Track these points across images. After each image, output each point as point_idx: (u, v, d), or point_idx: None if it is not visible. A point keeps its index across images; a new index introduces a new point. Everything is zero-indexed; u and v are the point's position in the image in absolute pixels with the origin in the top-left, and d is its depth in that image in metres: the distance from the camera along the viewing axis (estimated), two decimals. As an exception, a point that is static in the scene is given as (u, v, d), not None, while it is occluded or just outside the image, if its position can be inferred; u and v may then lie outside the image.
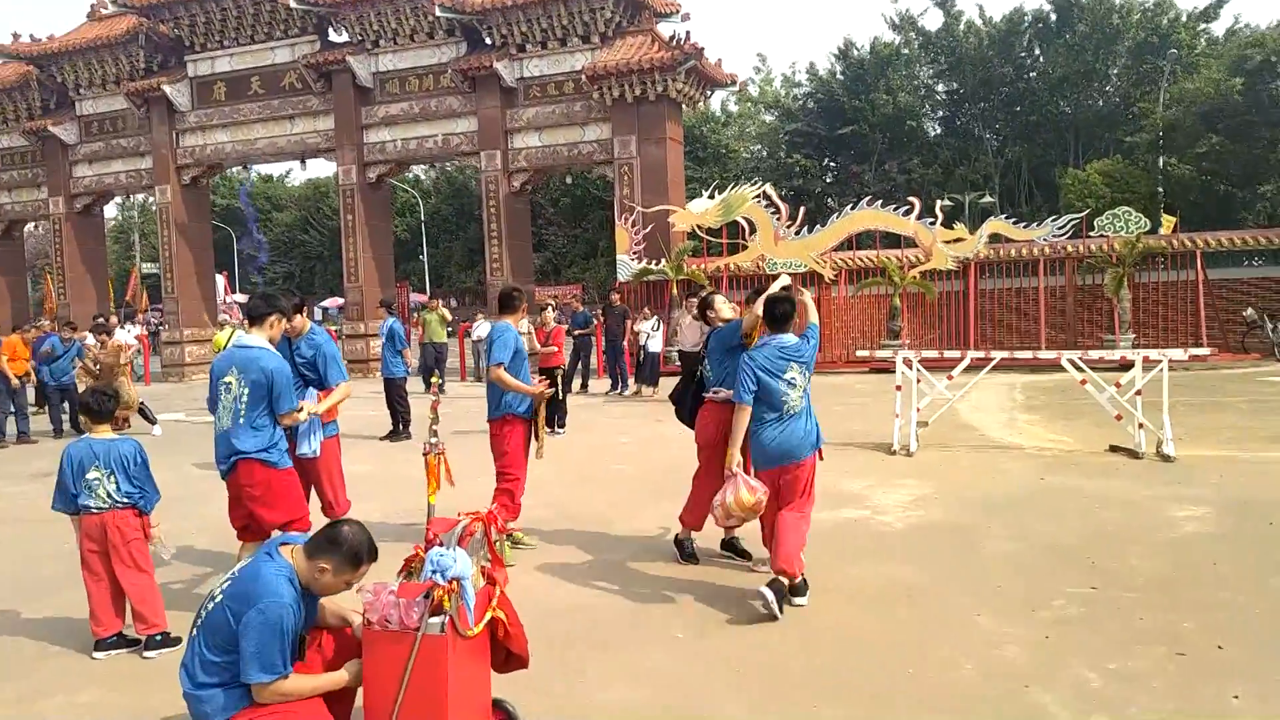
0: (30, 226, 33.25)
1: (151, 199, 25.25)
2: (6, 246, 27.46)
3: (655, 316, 16.70)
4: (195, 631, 3.40)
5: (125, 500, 4.88)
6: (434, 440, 3.76)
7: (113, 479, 4.85)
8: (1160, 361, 9.28)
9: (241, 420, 4.96)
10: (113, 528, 4.84)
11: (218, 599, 3.37)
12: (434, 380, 4.42)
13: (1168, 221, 17.99)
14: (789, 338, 5.42)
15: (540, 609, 5.21)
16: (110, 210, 56.33)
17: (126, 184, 25.53)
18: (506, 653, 3.64)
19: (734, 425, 5.29)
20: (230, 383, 4.98)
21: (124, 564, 4.86)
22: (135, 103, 23.84)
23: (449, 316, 17.87)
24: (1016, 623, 4.83)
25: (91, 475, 4.84)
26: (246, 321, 5.26)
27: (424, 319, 19.22)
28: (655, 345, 16.32)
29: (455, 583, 3.27)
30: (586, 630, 4.97)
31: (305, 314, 5.90)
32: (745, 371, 5.26)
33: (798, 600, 5.16)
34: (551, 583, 5.79)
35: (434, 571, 3.26)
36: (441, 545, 3.39)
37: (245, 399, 4.95)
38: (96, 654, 4.87)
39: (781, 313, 5.43)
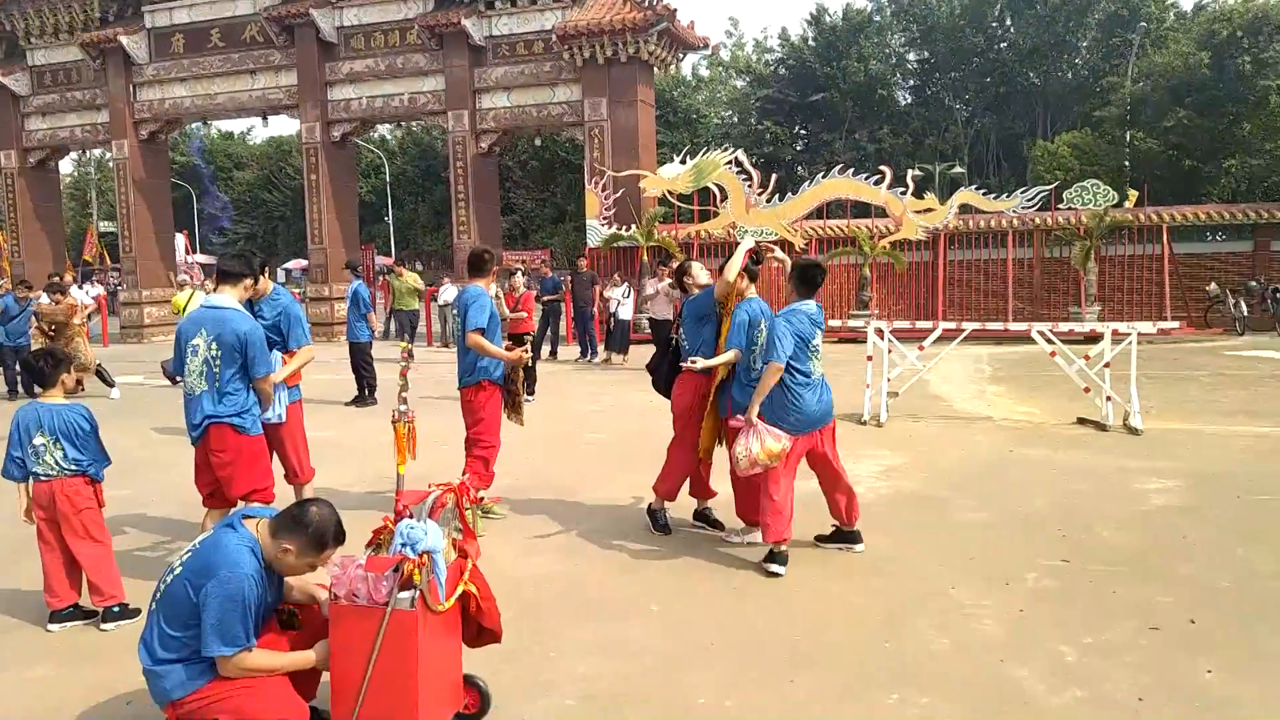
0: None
1: (109, 154, 24.49)
2: (-45, 201, 26.62)
3: (625, 283, 16.54)
4: (154, 605, 3.27)
5: (74, 468, 4.68)
6: (403, 409, 3.61)
7: (59, 446, 4.65)
8: (1129, 335, 9.33)
9: (216, 384, 4.79)
10: (61, 496, 4.65)
11: (177, 571, 3.23)
12: (402, 346, 4.25)
13: (1130, 195, 18.11)
14: (814, 304, 5.49)
15: (511, 580, 5.12)
16: (66, 166, 54.98)
17: (82, 139, 24.76)
18: (479, 627, 3.55)
19: (762, 382, 5.26)
20: (198, 345, 4.79)
21: (75, 534, 4.69)
22: (90, 54, 23.07)
23: (420, 286, 17.45)
24: (991, 595, 4.81)
25: (38, 441, 4.64)
26: (216, 280, 5.05)
27: (393, 285, 18.91)
28: (626, 312, 16.19)
29: (426, 556, 3.16)
30: (558, 602, 4.89)
31: (267, 275, 5.70)
32: (784, 334, 5.27)
33: (858, 547, 5.52)
34: (522, 553, 5.69)
35: (404, 544, 3.15)
36: (412, 517, 3.27)
37: (218, 362, 4.77)
38: (51, 626, 4.70)
39: (816, 279, 5.53)
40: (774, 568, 5.16)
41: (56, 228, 26.61)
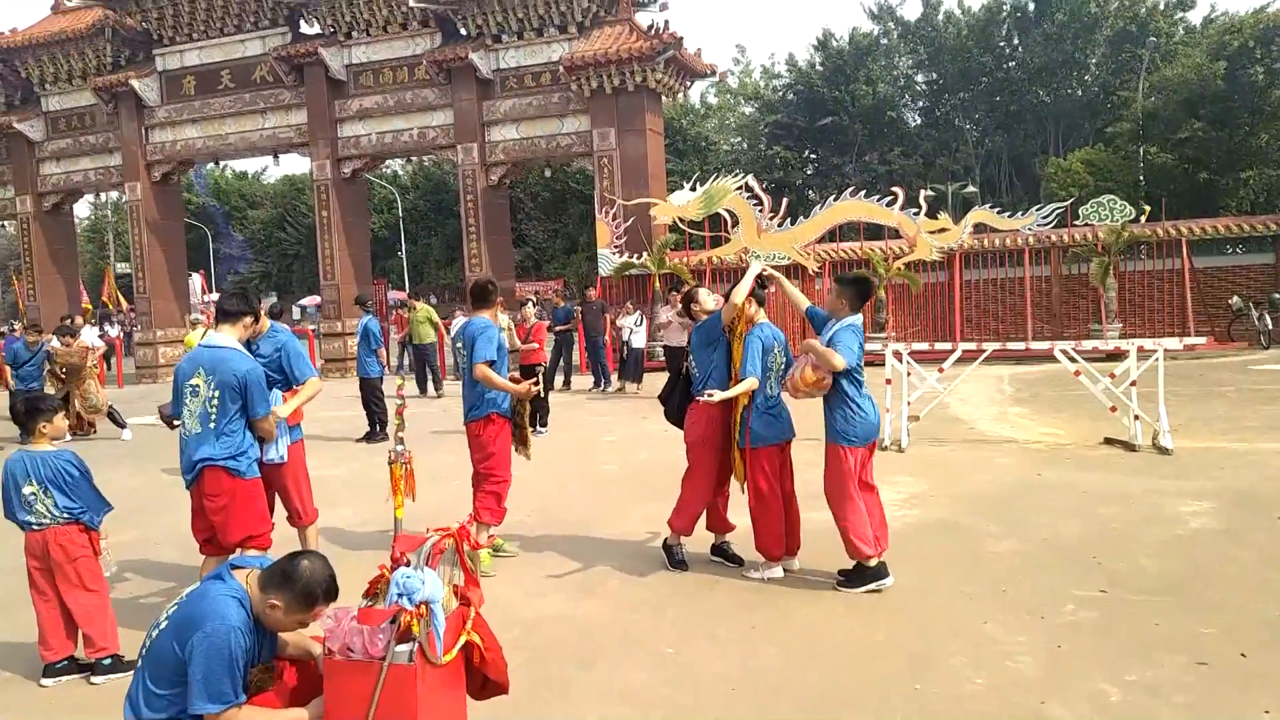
0: (5, 226, 32.61)
1: (123, 197, 24.64)
2: (-28, 247, 26.83)
3: (638, 311, 16.38)
4: (140, 661, 3.09)
5: (66, 516, 4.52)
6: (399, 449, 3.43)
7: (49, 495, 4.49)
8: (1155, 351, 9.08)
9: (211, 425, 4.66)
10: (54, 545, 4.49)
11: (162, 625, 3.06)
12: (398, 383, 4.09)
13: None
14: (860, 319, 5.42)
15: (521, 621, 4.92)
16: (84, 209, 55.69)
17: (96, 181, 24.92)
18: (484, 679, 3.34)
19: (819, 353, 5.21)
20: (198, 384, 4.68)
21: (69, 583, 4.52)
22: (103, 98, 23.26)
23: (435, 317, 17.27)
24: (1026, 630, 4.57)
25: (27, 490, 4.49)
26: (216, 319, 4.93)
27: (411, 318, 18.75)
28: (639, 341, 16.02)
29: (424, 606, 2.96)
30: (570, 644, 4.67)
31: (265, 312, 5.56)
32: (853, 344, 5.22)
33: (886, 581, 5.26)
34: (533, 593, 5.49)
35: (400, 595, 2.96)
36: (409, 565, 3.08)
37: (215, 402, 4.64)
38: (44, 680, 4.53)
39: (870, 292, 5.53)
40: (875, 585, 5.15)
41: (71, 271, 26.76)
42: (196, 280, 39.59)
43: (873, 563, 5.19)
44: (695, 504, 5.76)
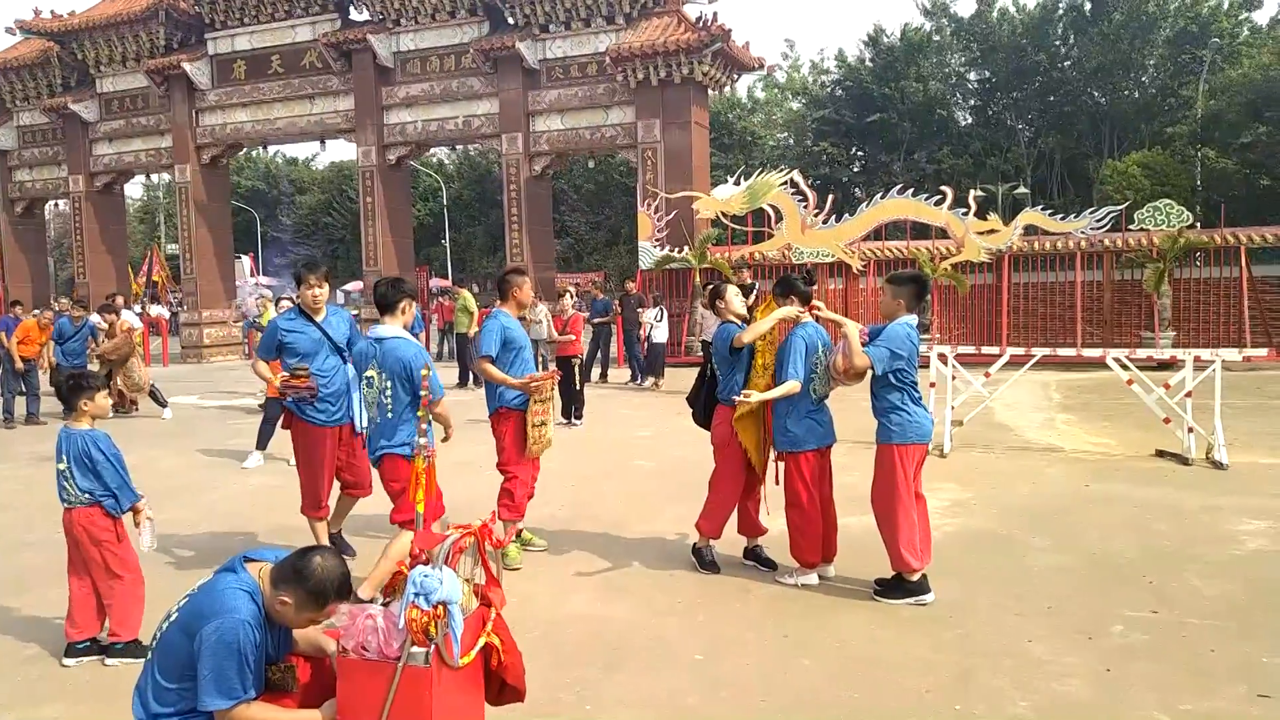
0: (58, 205, 33.23)
1: (174, 178, 24.99)
2: (28, 225, 27.32)
3: (659, 306, 16.17)
4: (151, 654, 3.00)
5: (87, 497, 4.46)
6: (422, 441, 3.31)
7: (73, 474, 4.44)
8: (1211, 362, 8.74)
9: (389, 415, 4.97)
10: (78, 525, 4.45)
11: (173, 618, 2.96)
12: (423, 373, 3.97)
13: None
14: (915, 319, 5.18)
15: (546, 621, 4.81)
16: (136, 190, 56.65)
17: (146, 163, 25.28)
18: (501, 683, 3.21)
19: (850, 344, 5.02)
20: (372, 376, 5.02)
21: (94, 564, 4.47)
22: (155, 80, 23.56)
23: (472, 307, 17.02)
24: (1073, 651, 4.35)
25: (60, 466, 4.46)
26: (380, 312, 5.13)
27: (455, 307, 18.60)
28: (661, 335, 15.79)
29: (441, 607, 2.84)
30: (596, 648, 4.54)
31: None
32: (899, 344, 4.97)
33: (926, 598, 5.01)
34: (560, 592, 5.36)
35: (417, 594, 2.84)
36: (427, 563, 2.96)
37: (388, 393, 4.94)
38: (66, 660, 4.49)
39: (927, 291, 5.46)
40: (914, 601, 4.96)
41: (121, 250, 27.21)
42: (246, 262, 40.10)
43: (915, 576, 4.98)
44: (723, 507, 5.59)
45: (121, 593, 4.52)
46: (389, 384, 4.91)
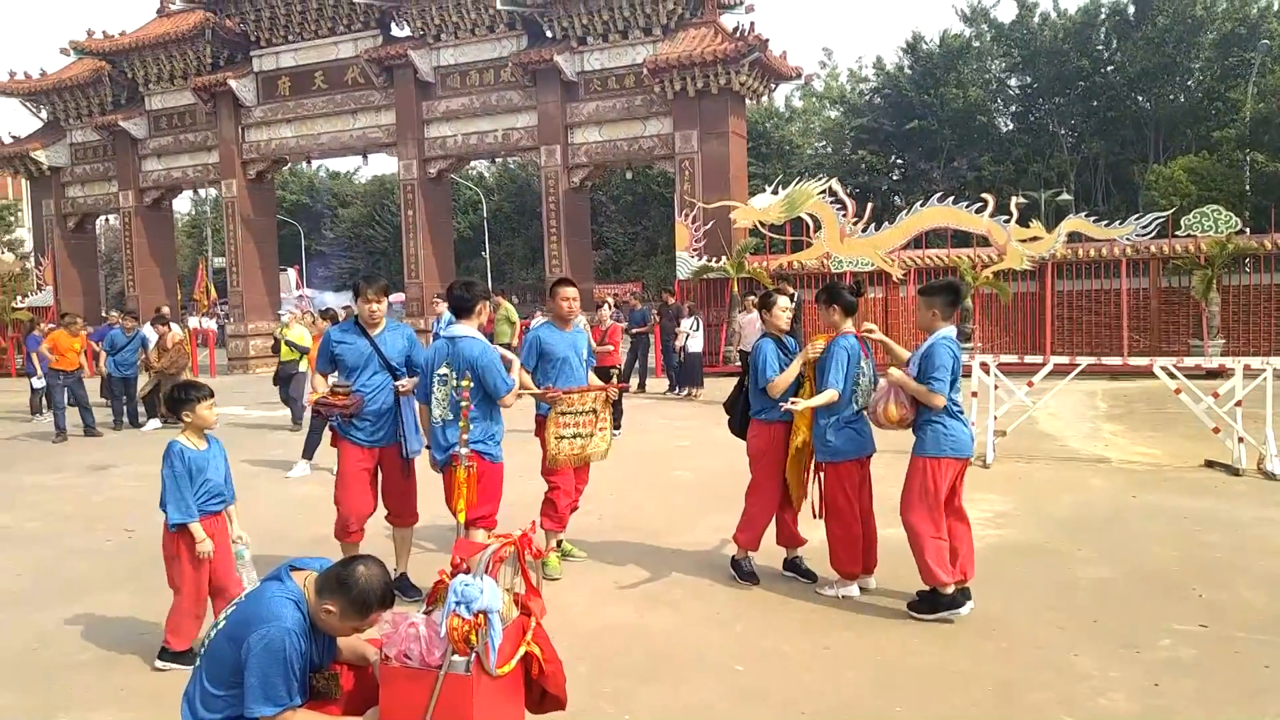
0: (109, 220, 34.03)
1: (220, 194, 25.52)
2: (80, 239, 28.01)
3: (694, 316, 16.16)
4: (199, 661, 3.07)
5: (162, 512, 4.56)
6: (464, 451, 3.35)
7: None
8: (1264, 369, 8.56)
9: (465, 413, 4.95)
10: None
11: (220, 626, 3.03)
12: (464, 384, 4.02)
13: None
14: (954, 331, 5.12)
15: (584, 631, 4.82)
16: (184, 205, 57.79)
17: (194, 178, 25.84)
18: (542, 692, 3.24)
19: (914, 390, 4.96)
20: (445, 374, 5.04)
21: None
22: (202, 98, 24.09)
23: (514, 316, 16.91)
24: (1119, 665, 4.28)
25: None
26: (455, 315, 5.24)
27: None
28: (696, 345, 15.78)
29: (481, 616, 2.88)
30: (634, 658, 4.55)
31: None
32: (949, 361, 4.91)
33: (963, 611, 4.92)
34: (599, 602, 5.38)
35: (458, 603, 2.88)
36: (468, 573, 3.00)
37: (464, 391, 4.93)
38: (158, 663, 4.58)
39: (961, 299, 5.39)
40: (946, 615, 4.86)
41: (170, 264, 27.80)
42: (291, 275, 40.75)
43: (949, 590, 4.91)
44: (760, 519, 5.58)
45: (177, 605, 4.57)
46: (460, 383, 4.96)
